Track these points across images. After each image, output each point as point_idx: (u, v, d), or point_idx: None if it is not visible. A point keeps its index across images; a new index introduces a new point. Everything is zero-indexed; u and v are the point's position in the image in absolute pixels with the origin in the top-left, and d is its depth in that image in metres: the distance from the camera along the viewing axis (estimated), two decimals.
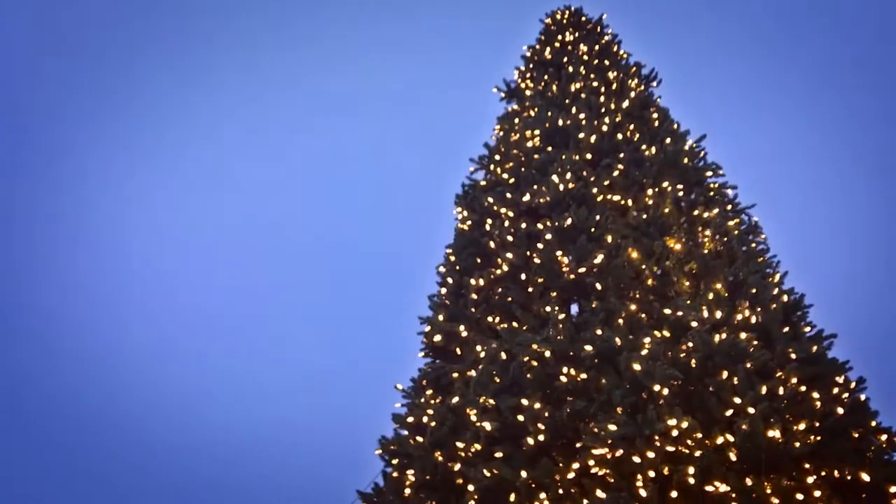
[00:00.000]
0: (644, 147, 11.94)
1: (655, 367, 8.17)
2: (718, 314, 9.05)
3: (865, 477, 7.59)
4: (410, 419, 9.89)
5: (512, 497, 7.91)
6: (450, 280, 11.42)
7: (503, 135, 13.21)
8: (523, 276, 10.45)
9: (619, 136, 12.19)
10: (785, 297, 9.95)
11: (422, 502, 8.74)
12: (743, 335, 8.65)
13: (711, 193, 11.68)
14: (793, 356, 8.77)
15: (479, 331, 10.42)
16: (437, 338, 10.85)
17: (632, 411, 8.01)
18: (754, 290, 9.75)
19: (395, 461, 9.78)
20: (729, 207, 11.62)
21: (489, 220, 11.49)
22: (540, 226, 10.75)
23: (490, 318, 10.45)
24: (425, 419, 9.66)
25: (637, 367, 8.23)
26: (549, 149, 12.06)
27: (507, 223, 11.20)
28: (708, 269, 9.94)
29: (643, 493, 7.26)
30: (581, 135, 12.08)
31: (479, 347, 9.98)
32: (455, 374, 10.15)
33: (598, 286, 9.73)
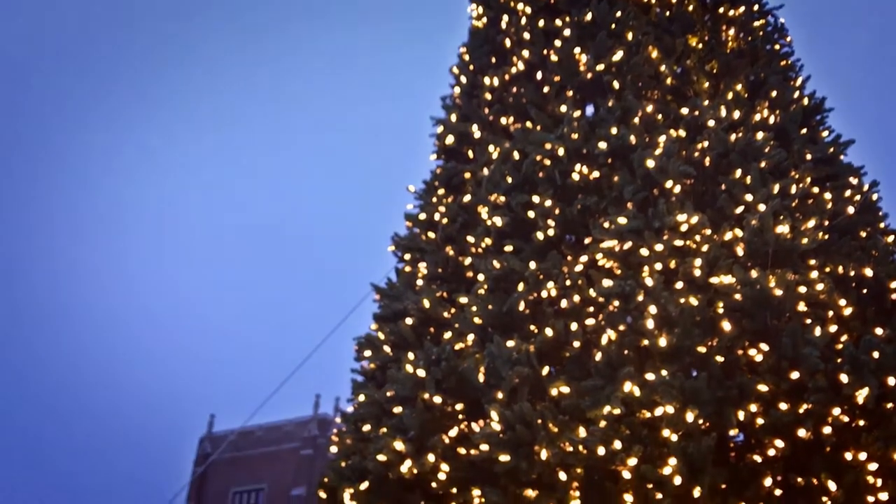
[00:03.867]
0: None
1: (669, 163, 8.13)
2: (736, 114, 8.91)
3: (869, 272, 7.74)
4: (422, 216, 10.02)
5: (520, 287, 8.12)
6: (463, 80, 11.18)
7: None
8: (539, 75, 10.21)
9: None
10: (805, 101, 9.77)
11: (433, 293, 8.99)
12: (759, 135, 8.56)
13: None
14: (808, 157, 8.72)
15: (492, 131, 10.31)
16: (450, 139, 10.76)
17: (642, 206, 8.06)
18: (774, 92, 9.55)
19: (407, 256, 10.01)
20: (756, 7, 11.13)
21: (505, 17, 11.06)
22: (558, 22, 10.35)
23: (503, 119, 10.32)
24: (437, 216, 9.79)
25: (650, 163, 8.20)
26: None
27: (524, 20, 10.78)
28: (729, 69, 9.68)
29: (649, 282, 7.42)
30: None
31: (491, 147, 9.91)
32: (467, 174, 10.17)
33: (616, 84, 9.51)
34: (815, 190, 8.38)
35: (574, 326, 7.71)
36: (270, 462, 49.76)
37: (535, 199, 8.71)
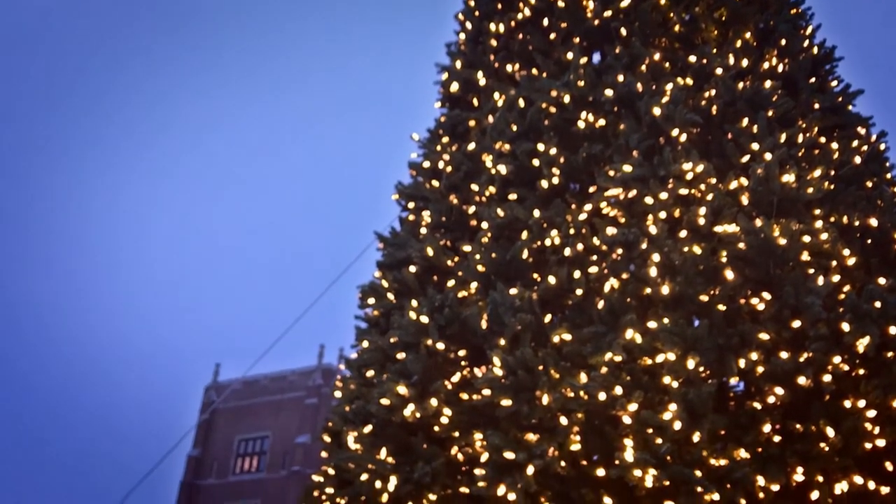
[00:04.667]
0: None
1: (675, 111, 8.07)
2: (745, 62, 8.82)
3: (874, 222, 7.71)
4: (426, 165, 9.98)
5: (524, 235, 8.13)
6: (469, 26, 11.04)
7: None
8: (545, 21, 10.07)
9: None
10: (815, 50, 9.65)
11: (436, 241, 9.00)
12: (767, 83, 8.48)
13: None
14: (816, 106, 8.64)
15: (498, 79, 10.22)
16: (454, 86, 10.67)
17: (648, 154, 8.02)
18: (784, 41, 9.42)
19: (411, 204, 10.00)
20: None
21: None
22: None
23: (509, 66, 10.22)
24: (441, 165, 9.76)
25: (657, 111, 8.13)
26: None
27: None
28: (738, 16, 9.53)
29: (653, 230, 7.42)
30: None
31: (496, 95, 9.84)
32: (472, 122, 10.10)
33: (623, 31, 9.39)
34: (822, 139, 8.33)
35: (577, 274, 7.73)
36: (275, 411, 50.40)
37: (540, 147, 8.66)
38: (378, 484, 7.26)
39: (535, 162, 8.68)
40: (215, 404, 50.40)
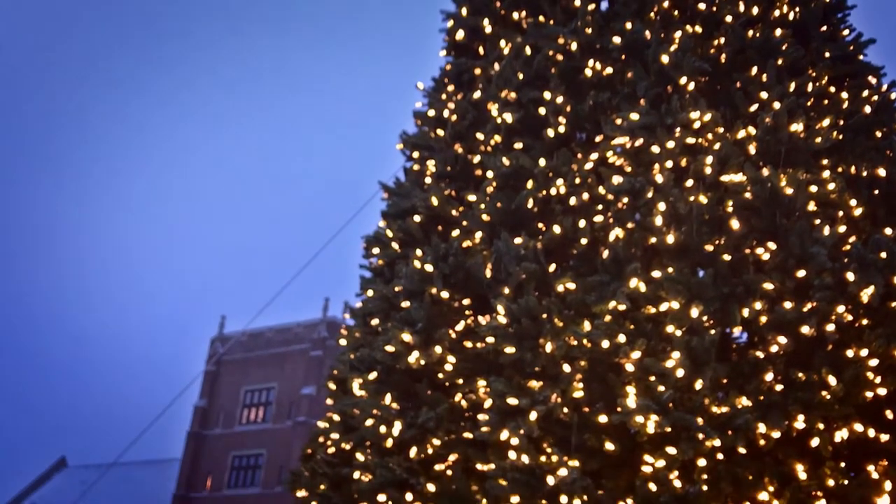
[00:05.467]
0: None
1: (684, 59, 7.97)
2: (755, 10, 8.66)
3: (882, 172, 7.67)
4: (431, 114, 9.90)
5: (529, 184, 8.09)
6: None
7: None
8: None
9: None
10: None
11: (441, 191, 8.97)
12: (778, 31, 8.35)
13: None
14: (827, 55, 8.52)
15: (504, 26, 10.08)
16: (460, 34, 10.54)
17: (655, 103, 7.94)
18: None
19: (415, 154, 9.95)
20: None
21: None
22: None
23: (516, 13, 10.07)
24: (446, 113, 9.68)
25: (665, 59, 8.04)
26: None
27: None
28: None
29: (659, 179, 7.38)
30: None
31: (503, 42, 9.71)
32: (477, 71, 10.00)
33: None
34: (832, 89, 8.23)
35: (582, 224, 7.71)
36: (281, 362, 50.86)
37: (547, 95, 8.59)
38: (383, 429, 7.35)
39: (542, 110, 8.61)
40: (219, 354, 50.90)
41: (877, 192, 7.72)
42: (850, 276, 6.59)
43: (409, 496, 6.86)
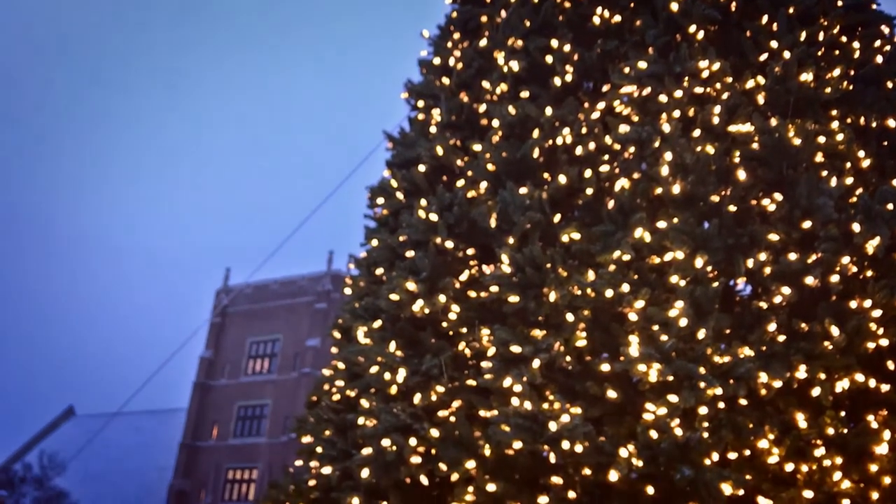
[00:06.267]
0: None
1: (693, 7, 7.86)
2: None
3: (891, 123, 7.59)
4: (437, 62, 9.80)
5: (535, 133, 8.03)
6: None
7: None
8: None
9: None
10: None
11: (446, 140, 8.92)
12: None
13: None
14: (839, 3, 8.37)
15: None
16: None
17: (663, 51, 7.84)
18: None
19: (420, 103, 9.86)
20: None
21: None
22: None
23: None
24: (452, 61, 9.59)
25: (674, 6, 7.92)
26: None
27: None
28: None
29: (666, 129, 7.32)
30: None
31: None
32: (484, 18, 9.86)
33: None
34: (843, 38, 8.10)
35: (588, 174, 7.68)
36: (286, 315, 51.20)
37: (554, 43, 8.48)
38: (387, 376, 7.41)
39: (549, 59, 8.51)
40: (222, 306, 51.20)
41: (886, 143, 7.65)
42: (856, 228, 6.57)
43: (412, 441, 6.94)
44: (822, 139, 7.18)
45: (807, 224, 6.74)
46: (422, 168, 8.93)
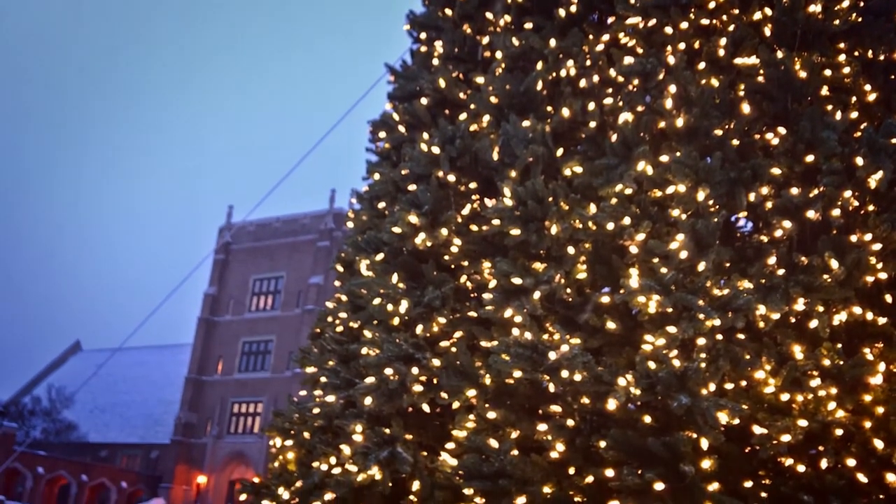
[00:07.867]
0: None
1: None
2: None
3: None
4: None
5: (539, 65, 7.95)
6: None
7: None
8: None
9: None
10: None
11: (449, 73, 8.83)
12: None
13: None
14: None
15: None
16: None
17: None
18: None
19: (423, 35, 9.74)
20: None
21: None
22: None
23: None
24: None
25: None
26: None
27: None
28: None
29: (671, 61, 7.24)
30: None
31: None
32: None
33: None
34: None
35: (591, 106, 7.63)
36: (289, 252, 51.46)
37: None
38: (390, 307, 7.49)
39: None
40: (224, 241, 51.43)
41: (893, 77, 7.57)
42: (860, 161, 6.55)
43: (415, 370, 7.05)
44: (828, 72, 7.11)
45: (810, 158, 6.72)
46: (424, 101, 8.87)
